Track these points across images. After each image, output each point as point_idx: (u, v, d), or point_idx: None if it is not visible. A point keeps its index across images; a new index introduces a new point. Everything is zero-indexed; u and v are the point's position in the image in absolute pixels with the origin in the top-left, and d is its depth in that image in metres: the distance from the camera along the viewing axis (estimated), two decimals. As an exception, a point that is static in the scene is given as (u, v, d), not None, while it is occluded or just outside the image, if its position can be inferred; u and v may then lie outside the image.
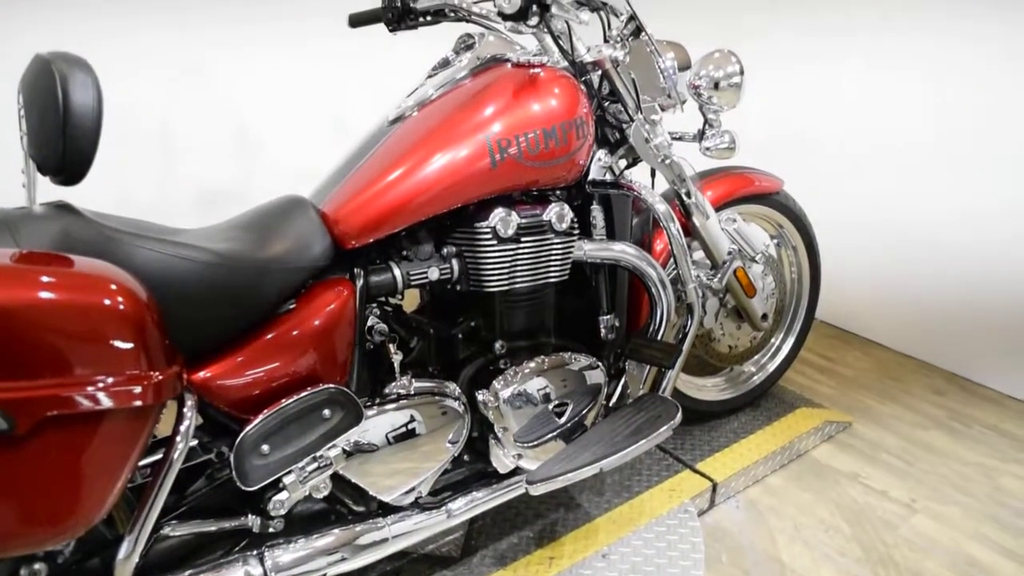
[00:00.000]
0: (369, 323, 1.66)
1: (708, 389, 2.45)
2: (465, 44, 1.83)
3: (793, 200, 2.39)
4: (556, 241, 1.77)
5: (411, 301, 1.86)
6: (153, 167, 3.10)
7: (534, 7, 1.60)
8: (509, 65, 1.75)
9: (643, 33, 1.80)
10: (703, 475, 2.20)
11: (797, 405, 2.62)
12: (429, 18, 1.88)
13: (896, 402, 2.75)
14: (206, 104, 3.14)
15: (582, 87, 1.79)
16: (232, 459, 1.44)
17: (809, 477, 2.31)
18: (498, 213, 1.69)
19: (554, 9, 1.62)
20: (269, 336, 1.50)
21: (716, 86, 1.89)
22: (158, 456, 1.39)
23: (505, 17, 1.58)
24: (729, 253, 2.12)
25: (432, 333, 1.78)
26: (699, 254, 2.19)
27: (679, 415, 1.82)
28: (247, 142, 3.28)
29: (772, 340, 2.55)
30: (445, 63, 1.82)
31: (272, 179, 3.25)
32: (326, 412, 1.51)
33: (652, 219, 2.06)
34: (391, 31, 1.94)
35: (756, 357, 2.53)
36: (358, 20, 1.99)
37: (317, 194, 1.69)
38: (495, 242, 1.69)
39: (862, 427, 2.59)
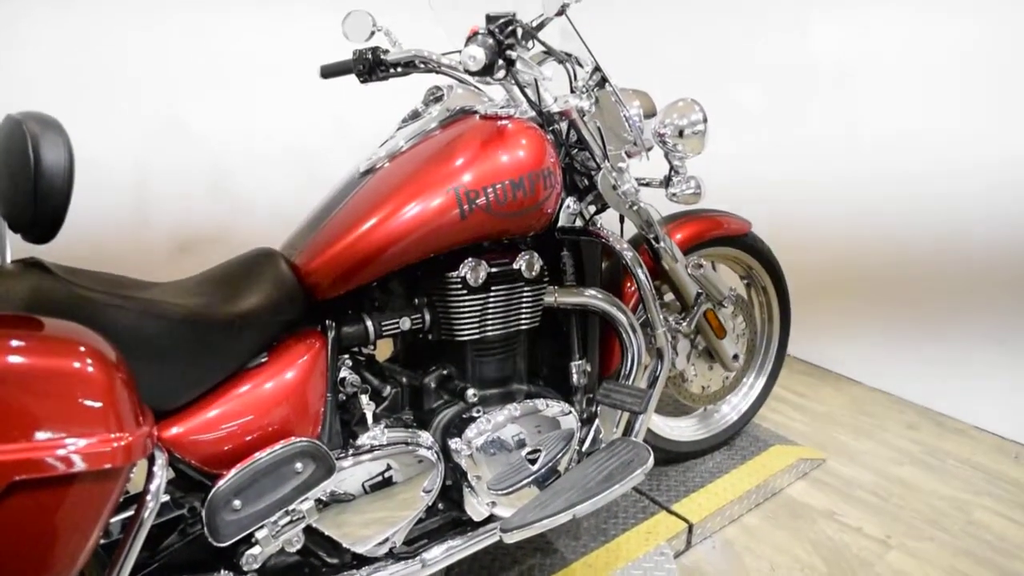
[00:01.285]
0: (341, 374, 1.67)
1: (682, 430, 2.47)
2: (434, 96, 1.87)
3: (761, 241, 2.43)
4: (526, 289, 1.80)
5: (384, 349, 1.87)
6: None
7: (499, 62, 1.64)
8: (477, 117, 1.79)
9: (608, 84, 1.85)
10: (679, 516, 2.21)
11: (771, 443, 2.64)
12: (399, 69, 1.93)
13: (870, 437, 2.78)
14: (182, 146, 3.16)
15: (549, 137, 1.83)
16: (204, 515, 1.44)
17: (784, 515, 2.32)
18: (468, 263, 1.72)
19: (519, 65, 1.66)
20: (240, 390, 1.50)
21: (681, 134, 1.93)
22: (130, 513, 1.39)
23: (471, 74, 1.62)
24: (698, 296, 2.15)
25: (405, 382, 1.79)
26: (670, 296, 2.22)
27: (651, 459, 1.84)
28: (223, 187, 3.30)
29: (744, 379, 2.57)
30: (415, 115, 1.86)
31: (248, 223, 3.27)
32: (298, 466, 1.51)
33: (622, 264, 2.09)
34: (362, 82, 1.98)
35: (729, 397, 2.55)
36: (329, 72, 2.03)
37: (288, 246, 1.71)
38: (465, 292, 1.72)
39: (836, 463, 2.61)
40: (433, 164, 1.68)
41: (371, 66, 1.93)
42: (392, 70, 1.93)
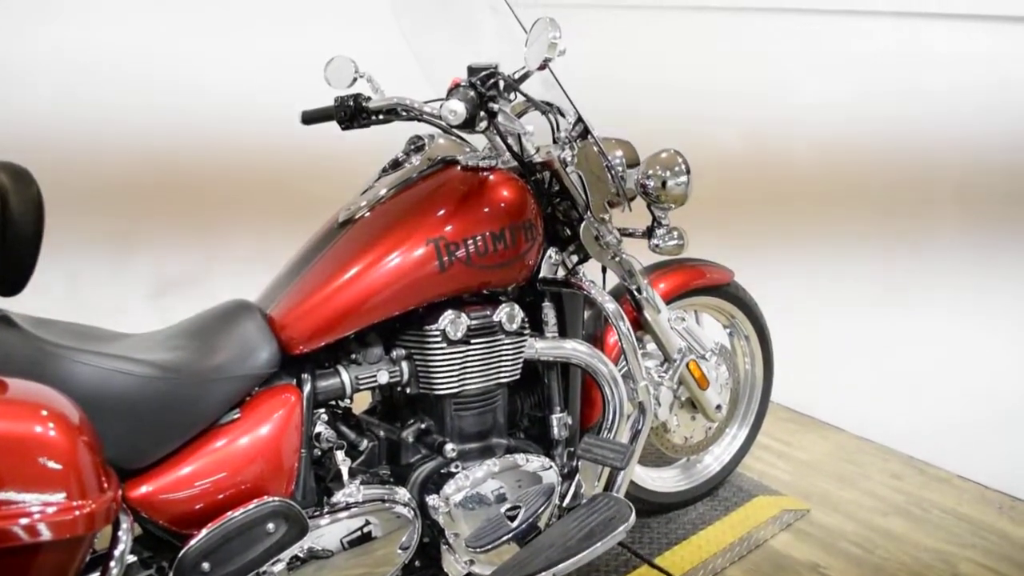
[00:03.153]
0: (317, 429, 1.64)
1: (664, 481, 2.44)
2: (415, 145, 1.86)
3: (744, 290, 2.42)
4: (506, 342, 1.78)
5: (361, 401, 1.84)
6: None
7: (481, 114, 1.63)
8: (459, 167, 1.77)
9: (590, 134, 1.84)
10: (661, 570, 2.17)
11: (755, 493, 2.61)
12: (381, 117, 1.91)
13: (854, 487, 2.75)
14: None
15: (530, 188, 1.82)
16: None
17: (768, 568, 2.29)
18: (448, 315, 1.69)
19: (500, 117, 1.65)
20: (211, 447, 1.47)
21: (664, 184, 1.93)
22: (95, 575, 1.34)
23: (453, 127, 1.61)
24: (679, 350, 2.13)
25: (382, 436, 1.76)
26: (653, 345, 2.20)
27: (633, 516, 1.80)
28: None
29: (727, 429, 2.55)
30: (396, 163, 1.85)
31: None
32: (270, 526, 1.47)
33: (603, 316, 2.07)
34: (343, 128, 1.97)
35: (711, 447, 2.52)
36: (311, 118, 2.01)
37: (264, 298, 1.68)
38: (444, 345, 1.69)
39: (820, 514, 2.58)
40: (413, 216, 1.67)
41: (352, 113, 1.92)
42: (374, 117, 1.92)
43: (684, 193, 1.94)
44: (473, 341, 1.72)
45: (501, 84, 1.65)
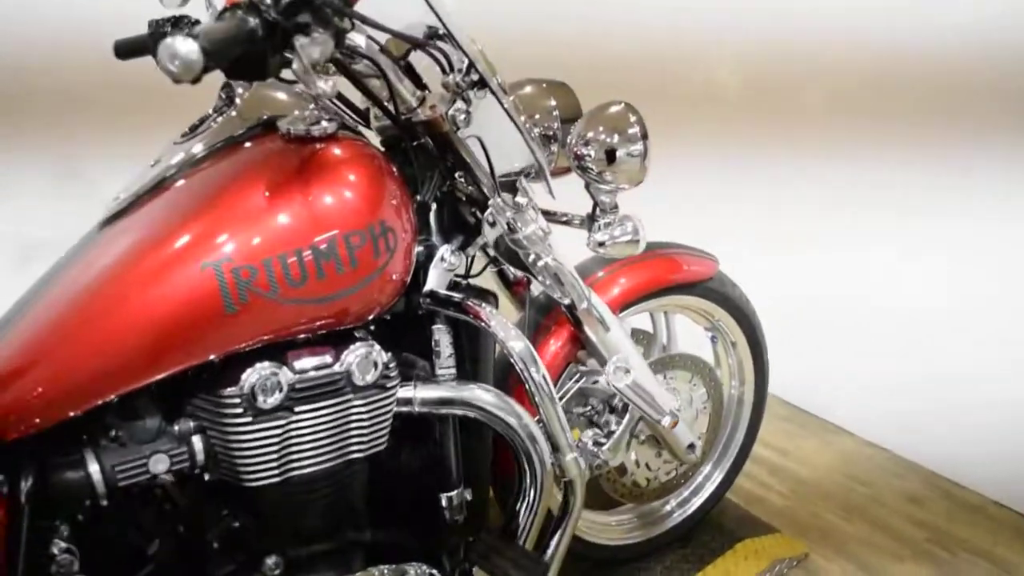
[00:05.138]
0: (52, 550, 1.06)
1: (612, 529, 1.86)
2: (229, 96, 1.22)
3: (731, 284, 1.81)
4: (358, 403, 1.17)
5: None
6: None
7: (273, 54, 0.96)
8: (278, 137, 1.15)
9: (488, 87, 1.20)
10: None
11: (739, 534, 2.05)
12: None
13: (864, 517, 2.19)
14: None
15: (393, 167, 1.20)
16: None
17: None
18: (256, 371, 1.09)
19: (311, 51, 0.97)
20: None
21: (610, 156, 1.29)
22: None
23: (187, 83, 0.93)
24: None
25: (171, 539, 1.17)
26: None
27: None
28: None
29: (701, 467, 1.95)
30: (201, 123, 1.21)
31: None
32: None
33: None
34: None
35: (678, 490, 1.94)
36: (124, 48, 1.36)
37: None
38: (250, 418, 1.09)
39: (821, 558, 2.03)
40: (184, 221, 1.05)
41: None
42: None
43: (638, 167, 1.32)
44: (300, 409, 1.12)
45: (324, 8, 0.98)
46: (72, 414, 1.03)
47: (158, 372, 1.05)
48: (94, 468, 1.06)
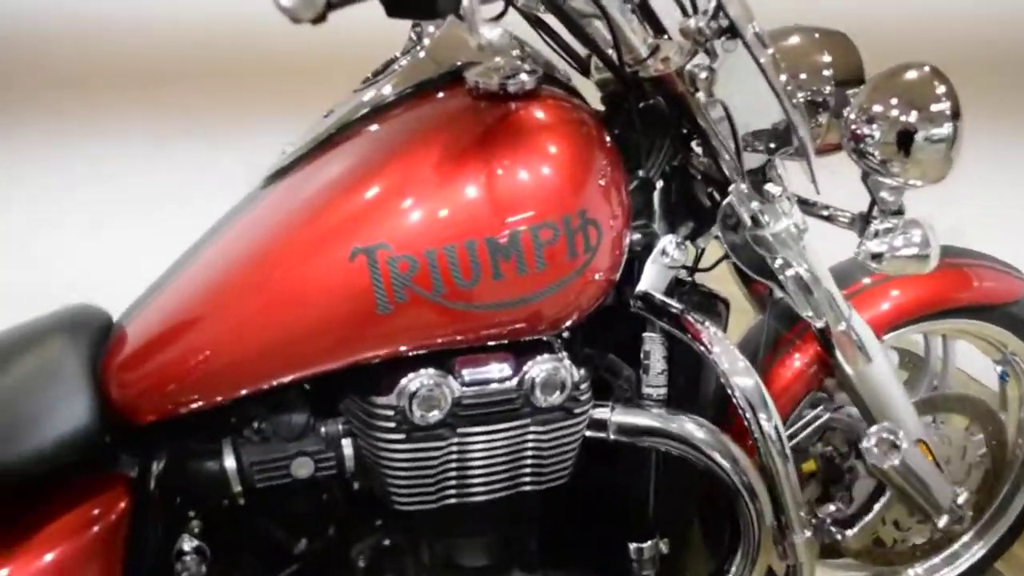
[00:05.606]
0: (180, 546, 0.94)
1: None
2: (419, 36, 1.02)
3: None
4: (538, 430, 0.95)
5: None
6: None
7: None
8: (467, 92, 0.93)
9: (740, 36, 0.90)
10: None
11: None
12: None
13: None
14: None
15: (606, 136, 0.95)
16: None
17: None
18: (418, 379, 0.90)
19: None
20: None
21: (903, 141, 0.96)
22: None
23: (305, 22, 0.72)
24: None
25: (315, 545, 1.03)
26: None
27: None
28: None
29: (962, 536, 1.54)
30: (385, 69, 1.02)
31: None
32: None
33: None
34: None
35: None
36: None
37: (126, 314, 0.98)
38: (403, 435, 0.90)
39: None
40: (346, 189, 0.87)
41: None
42: None
43: (942, 159, 0.97)
44: (464, 430, 0.92)
45: None
46: (208, 403, 0.90)
47: (299, 370, 0.89)
48: (230, 463, 0.93)
